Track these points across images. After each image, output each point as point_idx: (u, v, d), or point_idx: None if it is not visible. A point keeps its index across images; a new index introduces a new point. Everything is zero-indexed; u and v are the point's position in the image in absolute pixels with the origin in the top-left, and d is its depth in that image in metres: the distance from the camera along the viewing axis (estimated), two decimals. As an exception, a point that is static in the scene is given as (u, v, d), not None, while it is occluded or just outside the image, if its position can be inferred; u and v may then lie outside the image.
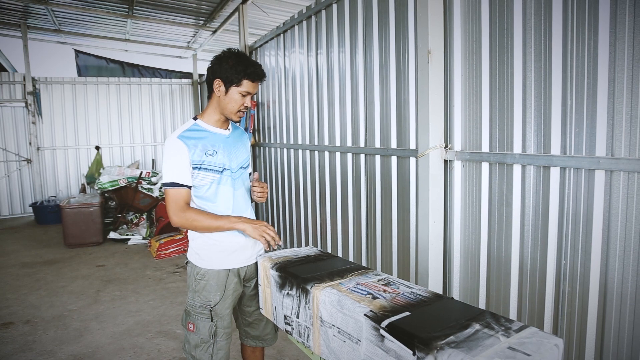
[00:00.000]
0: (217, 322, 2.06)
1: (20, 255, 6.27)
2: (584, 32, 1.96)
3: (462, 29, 2.57)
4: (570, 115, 2.04)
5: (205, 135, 2.03)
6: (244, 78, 1.97)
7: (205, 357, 2.06)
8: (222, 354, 2.08)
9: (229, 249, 2.07)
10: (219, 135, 2.07)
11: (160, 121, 10.19)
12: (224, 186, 2.04)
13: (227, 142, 2.08)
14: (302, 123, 4.72)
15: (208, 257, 2.07)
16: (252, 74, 1.98)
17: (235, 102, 2.00)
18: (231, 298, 2.11)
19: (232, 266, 2.10)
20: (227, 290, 2.08)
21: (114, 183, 7.08)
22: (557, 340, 1.25)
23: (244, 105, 2.02)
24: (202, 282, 2.07)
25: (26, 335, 3.69)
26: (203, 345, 2.05)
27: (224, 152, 2.04)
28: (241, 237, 2.07)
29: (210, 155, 1.99)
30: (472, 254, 2.62)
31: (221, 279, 2.07)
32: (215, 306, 2.06)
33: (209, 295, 2.06)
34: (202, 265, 2.08)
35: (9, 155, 9.05)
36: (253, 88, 2.01)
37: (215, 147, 2.02)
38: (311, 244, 4.67)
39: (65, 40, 10.09)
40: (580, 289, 2.05)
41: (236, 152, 2.12)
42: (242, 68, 1.96)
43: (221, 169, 2.02)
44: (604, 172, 1.92)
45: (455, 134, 2.65)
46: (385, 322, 1.37)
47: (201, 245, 2.08)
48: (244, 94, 1.99)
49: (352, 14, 3.66)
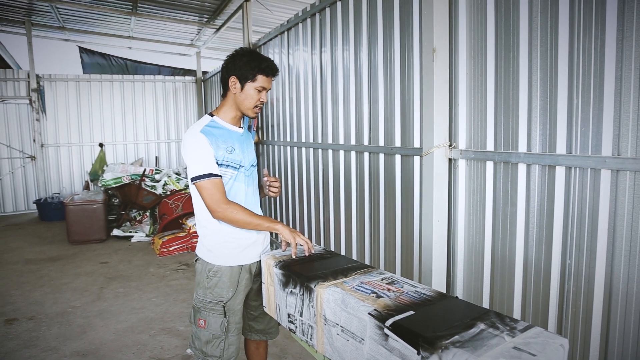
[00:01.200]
0: (229, 318, 2.08)
1: (24, 251, 6.29)
2: (590, 31, 1.95)
3: (468, 27, 2.56)
4: (576, 114, 2.03)
5: (223, 132, 2.06)
6: (259, 73, 2.01)
7: (216, 352, 2.08)
8: (233, 349, 2.11)
9: (241, 246, 2.09)
10: (235, 132, 2.10)
11: (163, 119, 10.19)
12: (238, 183, 2.07)
13: (241, 140, 2.12)
14: (306, 121, 4.72)
15: (222, 253, 2.09)
16: (266, 69, 2.02)
17: (252, 98, 2.03)
18: (243, 293, 2.14)
19: (244, 262, 2.12)
20: (239, 286, 2.11)
21: (117, 180, 7.09)
22: (563, 341, 1.24)
23: (259, 101, 2.05)
24: (214, 278, 2.08)
25: (30, 331, 3.70)
26: (215, 341, 2.07)
27: (239, 150, 2.07)
28: (253, 233, 2.10)
29: (230, 152, 2.02)
30: (476, 253, 2.61)
31: (234, 275, 2.09)
32: (228, 302, 2.08)
33: (222, 291, 2.08)
34: (215, 262, 2.09)
35: (13, 152, 9.09)
36: (268, 83, 2.04)
37: (233, 144, 2.05)
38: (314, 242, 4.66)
39: (69, 38, 10.11)
40: (585, 288, 2.04)
41: (248, 150, 2.16)
42: (256, 64, 2.00)
43: (238, 166, 2.06)
44: (610, 171, 1.91)
45: (459, 133, 2.63)
46: (389, 321, 1.36)
47: (214, 242, 2.09)
48: (259, 89, 2.03)
49: (357, 12, 3.65)
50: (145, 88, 9.97)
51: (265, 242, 2.22)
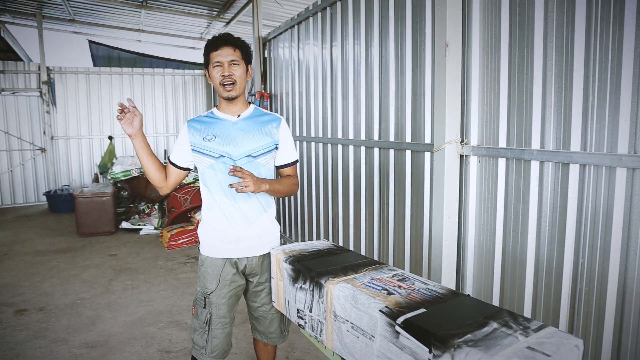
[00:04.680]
0: (211, 310, 2.09)
1: (34, 243, 6.34)
2: (608, 26, 1.91)
3: (481, 21, 2.52)
4: (591, 111, 2.00)
5: (212, 121, 2.10)
6: (209, 52, 2.03)
7: (200, 342, 2.12)
8: (217, 343, 2.11)
9: (225, 239, 2.08)
10: (226, 122, 2.09)
11: (172, 112, 10.20)
12: (214, 172, 2.05)
13: (232, 129, 2.07)
14: (316, 116, 4.70)
15: (206, 244, 2.12)
16: (211, 43, 2.03)
17: (215, 78, 2.03)
18: (228, 288, 2.11)
19: (227, 256, 2.09)
20: (222, 280, 2.09)
21: (126, 173, 7.11)
22: (578, 341, 1.22)
23: (222, 75, 2.00)
24: (202, 268, 2.14)
25: (40, 322, 3.73)
26: (200, 331, 2.12)
27: (224, 139, 2.04)
28: (239, 228, 2.07)
29: (207, 140, 2.04)
30: (486, 251, 2.58)
31: (217, 267, 2.09)
32: (210, 294, 2.09)
33: (206, 282, 2.10)
34: (202, 252, 2.14)
35: (23, 144, 9.14)
36: (220, 56, 2.00)
37: (216, 132, 2.05)
38: (323, 237, 4.66)
39: (79, 30, 10.14)
40: (598, 288, 2.01)
41: (244, 139, 2.05)
42: (206, 47, 2.06)
43: (217, 155, 2.03)
44: (626, 169, 1.88)
45: (471, 129, 2.60)
46: (400, 319, 1.35)
47: (201, 231, 2.15)
48: (215, 64, 2.01)
49: (368, 6, 3.62)
50: (155, 81, 9.98)
51: (259, 240, 2.11)
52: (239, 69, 2.02)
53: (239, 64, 2.02)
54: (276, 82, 5.89)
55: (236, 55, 2.02)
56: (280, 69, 5.70)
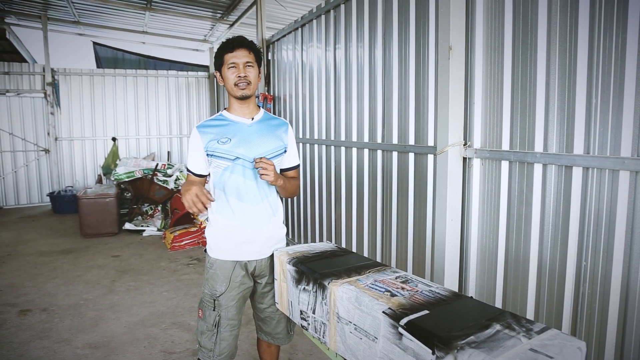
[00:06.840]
0: (220, 313, 2.10)
1: (37, 243, 6.36)
2: (612, 29, 1.91)
3: (485, 24, 2.53)
4: (594, 114, 2.00)
5: (225, 124, 2.09)
6: (223, 54, 2.05)
7: (208, 345, 2.12)
8: (225, 345, 2.12)
9: (235, 241, 2.09)
10: (240, 124, 2.10)
11: (176, 114, 10.22)
12: (233, 174, 2.06)
13: (248, 132, 2.09)
14: (319, 118, 4.71)
15: (216, 246, 2.13)
16: (226, 45, 2.05)
17: (229, 79, 2.04)
18: (237, 290, 2.12)
19: (237, 258, 2.11)
20: (232, 282, 2.11)
21: (129, 174, 7.14)
22: (580, 344, 1.22)
23: (237, 77, 2.03)
24: (210, 271, 2.14)
25: (43, 322, 3.74)
26: (208, 333, 2.12)
27: (240, 141, 2.05)
28: (250, 230, 2.09)
29: (223, 143, 2.04)
30: (489, 253, 2.59)
31: (227, 270, 2.10)
32: (220, 296, 2.10)
33: (215, 284, 2.11)
34: (212, 255, 2.14)
35: (27, 145, 9.18)
36: (236, 57, 2.03)
37: (231, 135, 2.05)
38: (326, 239, 4.66)
39: (84, 32, 10.19)
40: (601, 291, 2.01)
41: (259, 142, 2.09)
42: (220, 49, 2.07)
43: (233, 157, 2.04)
44: (629, 173, 1.88)
45: (475, 132, 2.61)
46: (404, 320, 1.35)
47: (211, 234, 2.15)
48: (230, 66, 2.03)
49: (372, 9, 3.63)
50: (159, 83, 10.01)
51: (268, 242, 2.15)
52: (253, 71, 2.07)
53: (253, 66, 2.07)
54: (280, 84, 5.91)
55: (250, 57, 2.06)
56: (284, 71, 5.71)
